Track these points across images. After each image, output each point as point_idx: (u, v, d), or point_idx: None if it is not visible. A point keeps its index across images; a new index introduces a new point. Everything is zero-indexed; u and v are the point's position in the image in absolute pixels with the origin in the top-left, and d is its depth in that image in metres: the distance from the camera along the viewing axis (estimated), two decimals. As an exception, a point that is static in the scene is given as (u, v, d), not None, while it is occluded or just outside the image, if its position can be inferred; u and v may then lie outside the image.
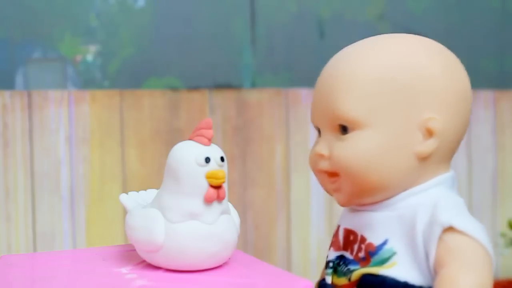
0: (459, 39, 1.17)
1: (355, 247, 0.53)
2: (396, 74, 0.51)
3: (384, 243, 0.51)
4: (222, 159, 0.53)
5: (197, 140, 0.53)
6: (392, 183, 0.51)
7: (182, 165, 0.52)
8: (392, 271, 0.49)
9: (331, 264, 0.55)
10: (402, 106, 0.51)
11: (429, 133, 0.51)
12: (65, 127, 0.98)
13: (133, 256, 0.58)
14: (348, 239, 0.54)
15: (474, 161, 1.19)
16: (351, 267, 0.53)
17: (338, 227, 0.56)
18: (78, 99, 0.99)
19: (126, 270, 0.54)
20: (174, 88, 1.03)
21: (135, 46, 1.02)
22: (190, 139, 0.54)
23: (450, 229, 0.47)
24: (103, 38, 1.00)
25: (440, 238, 0.47)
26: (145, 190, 0.62)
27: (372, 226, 0.52)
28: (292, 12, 1.10)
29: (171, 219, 0.52)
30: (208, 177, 0.51)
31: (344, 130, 0.52)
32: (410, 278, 0.49)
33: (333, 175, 0.53)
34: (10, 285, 0.51)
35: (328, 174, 0.54)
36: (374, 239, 0.51)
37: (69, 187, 0.98)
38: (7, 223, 0.96)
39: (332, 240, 0.57)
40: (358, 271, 0.51)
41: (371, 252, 0.51)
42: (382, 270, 0.50)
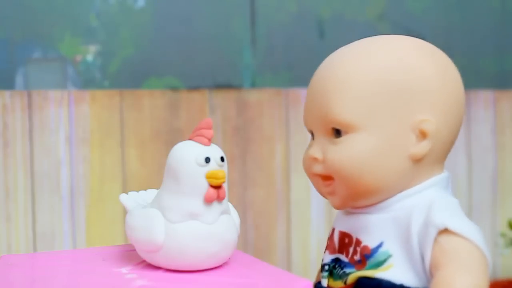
0: (459, 39, 1.17)
1: (351, 250, 0.53)
2: (389, 76, 0.51)
3: (379, 245, 0.51)
4: (222, 159, 0.53)
5: (197, 140, 0.53)
6: (387, 185, 0.51)
7: (182, 165, 0.52)
8: (388, 273, 0.49)
9: (326, 267, 0.55)
10: (395, 108, 0.51)
11: (422, 135, 0.51)
12: (65, 127, 0.98)
13: (133, 256, 0.58)
14: (343, 242, 0.54)
15: (474, 161, 1.19)
16: (347, 270, 0.53)
17: (333, 230, 0.56)
18: (78, 99, 0.99)
19: (126, 270, 0.54)
20: (174, 88, 1.03)
21: (135, 46, 1.02)
22: (190, 139, 0.54)
23: (445, 231, 0.47)
24: (103, 38, 1.00)
25: (435, 240, 0.47)
26: (145, 190, 0.62)
27: (367, 228, 0.52)
28: (292, 12, 1.09)
29: (171, 219, 0.52)
30: (208, 177, 0.51)
31: (337, 133, 0.52)
32: (406, 281, 0.49)
33: (327, 178, 0.53)
34: (10, 285, 0.51)
35: (322, 178, 0.53)
36: (369, 241, 0.51)
37: (69, 187, 0.98)
38: (7, 223, 0.96)
39: (327, 243, 0.57)
40: (354, 274, 0.51)
41: (367, 255, 0.51)
42: (378, 273, 0.50)
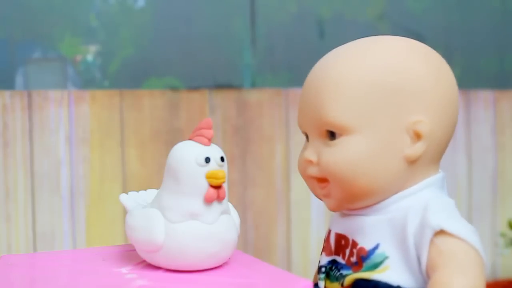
0: (459, 39, 1.17)
1: (347, 252, 0.53)
2: (383, 77, 0.51)
3: (375, 247, 0.50)
4: (222, 159, 0.53)
5: (197, 140, 0.53)
6: (382, 187, 0.51)
7: (182, 165, 0.52)
8: (385, 275, 0.49)
9: (323, 269, 0.55)
10: (389, 109, 0.51)
11: (417, 136, 0.51)
12: (65, 127, 0.98)
13: (133, 256, 0.58)
14: (340, 243, 0.54)
15: (474, 161, 1.19)
16: (344, 271, 0.53)
17: (329, 231, 0.56)
18: (78, 99, 0.98)
19: (126, 270, 0.54)
20: (174, 88, 1.03)
21: (135, 46, 1.02)
22: (190, 139, 0.53)
23: (441, 232, 0.47)
24: (103, 38, 1.00)
25: (431, 242, 0.47)
26: (145, 190, 0.62)
27: (363, 230, 0.52)
28: (292, 12, 1.09)
29: (171, 219, 0.52)
30: (208, 177, 0.51)
31: (332, 135, 0.52)
32: (403, 282, 0.49)
33: (322, 180, 0.53)
34: (10, 285, 0.51)
35: (317, 180, 0.53)
36: (365, 243, 0.51)
37: (69, 187, 0.98)
38: (7, 223, 0.96)
39: (324, 245, 0.57)
40: (351, 276, 0.51)
41: (363, 257, 0.51)
42: (374, 275, 0.50)
